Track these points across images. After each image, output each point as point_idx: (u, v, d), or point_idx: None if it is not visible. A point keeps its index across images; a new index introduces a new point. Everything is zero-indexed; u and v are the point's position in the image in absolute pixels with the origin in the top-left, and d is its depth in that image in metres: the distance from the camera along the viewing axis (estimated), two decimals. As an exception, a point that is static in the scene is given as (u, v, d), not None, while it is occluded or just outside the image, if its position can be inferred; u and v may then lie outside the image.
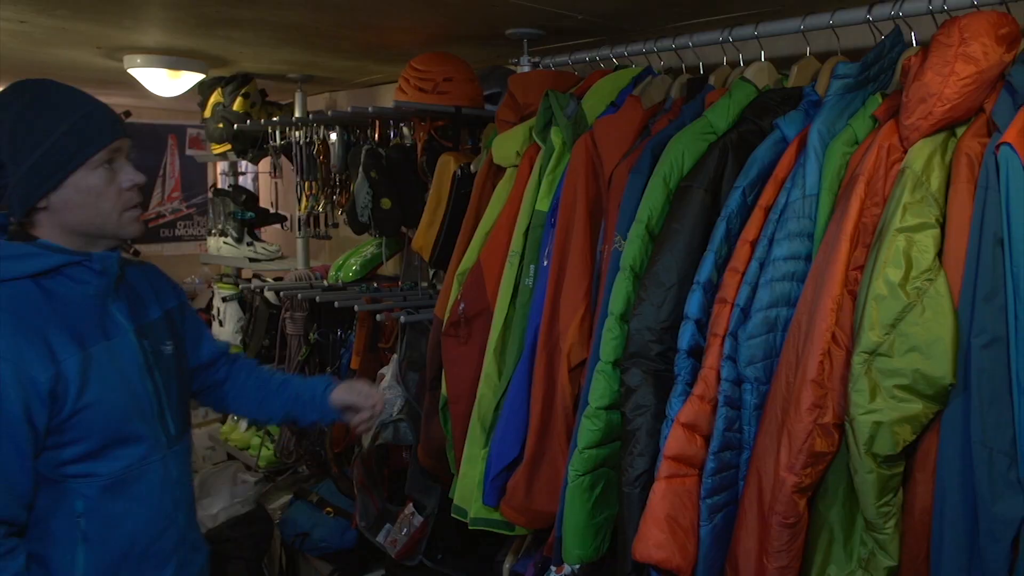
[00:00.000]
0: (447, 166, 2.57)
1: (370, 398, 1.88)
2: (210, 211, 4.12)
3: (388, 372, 2.72)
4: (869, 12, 1.70)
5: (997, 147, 1.31)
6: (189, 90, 3.28)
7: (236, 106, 3.59)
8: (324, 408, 1.88)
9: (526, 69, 2.42)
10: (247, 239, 3.84)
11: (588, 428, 1.67)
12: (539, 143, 2.07)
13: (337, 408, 1.88)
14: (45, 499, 1.41)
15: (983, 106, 1.43)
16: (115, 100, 4.17)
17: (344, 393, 1.88)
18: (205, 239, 3.90)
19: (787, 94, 1.75)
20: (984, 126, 1.41)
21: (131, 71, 3.03)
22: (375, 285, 3.20)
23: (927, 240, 1.33)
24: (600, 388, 1.67)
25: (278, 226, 3.91)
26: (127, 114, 1.53)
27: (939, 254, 1.34)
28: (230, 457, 4.06)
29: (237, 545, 3.16)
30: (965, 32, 1.39)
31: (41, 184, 1.38)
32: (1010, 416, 1.24)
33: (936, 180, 1.38)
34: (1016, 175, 1.28)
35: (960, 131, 1.43)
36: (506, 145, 2.18)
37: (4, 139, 1.37)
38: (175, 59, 2.99)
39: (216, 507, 3.54)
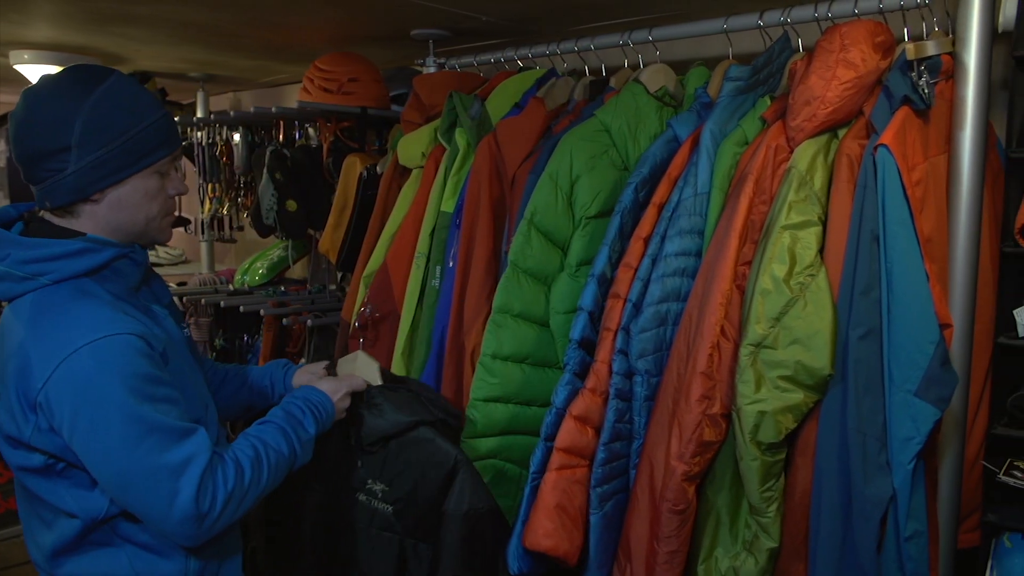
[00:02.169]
0: (353, 167, 2.55)
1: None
2: (109, 214, 3.96)
3: (295, 377, 2.67)
4: (760, 18, 1.76)
5: (875, 148, 1.38)
6: (84, 88, 3.15)
7: (135, 106, 3.47)
8: (286, 391, 1.70)
9: (432, 70, 2.42)
10: (149, 243, 3.71)
11: (468, 419, 1.71)
12: (444, 144, 2.07)
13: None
14: None
15: (863, 109, 1.50)
16: (1, 98, 3.97)
17: (305, 376, 1.72)
18: (104, 243, 3.76)
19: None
20: (864, 128, 1.48)
21: (18, 67, 2.89)
22: (282, 288, 3.15)
23: (810, 237, 1.39)
24: (477, 380, 1.70)
25: (181, 229, 3.79)
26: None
27: (821, 250, 1.40)
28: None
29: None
30: (846, 39, 1.46)
31: (106, 177, 1.31)
32: (882, 403, 1.30)
33: (819, 179, 1.44)
34: (891, 175, 1.35)
35: (842, 133, 1.50)
36: (411, 146, 2.17)
37: (77, 123, 1.27)
38: (66, 56, 2.87)
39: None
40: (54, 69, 2.88)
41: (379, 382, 1.65)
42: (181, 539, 1.27)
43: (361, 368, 1.66)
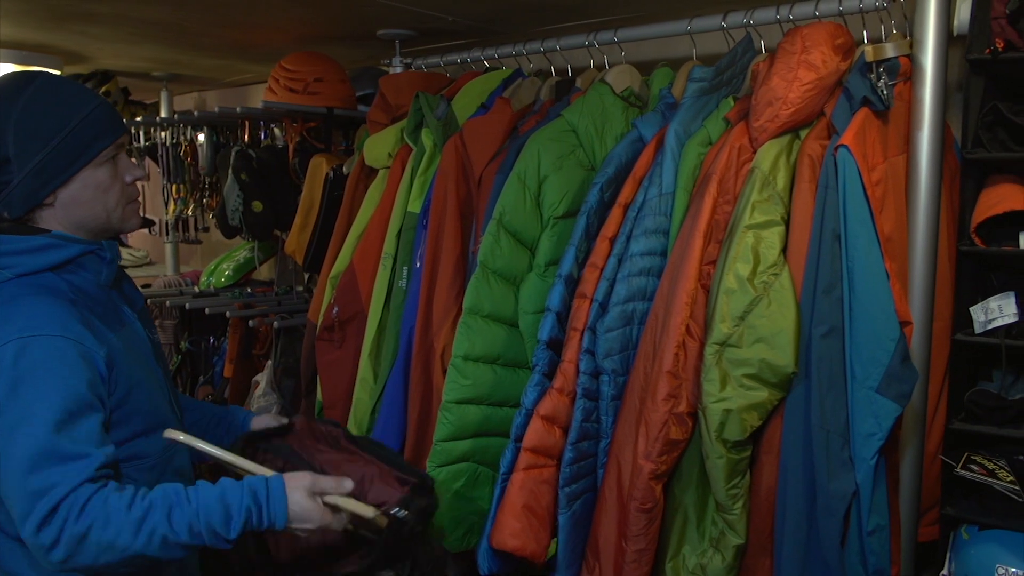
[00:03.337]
0: (319, 168, 2.53)
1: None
2: (71, 216, 3.90)
3: (263, 379, 2.65)
4: (724, 20, 1.78)
5: (836, 149, 1.40)
6: (43, 87, 3.09)
7: (97, 105, 3.42)
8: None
9: (398, 70, 2.41)
10: (112, 245, 3.66)
11: (441, 421, 1.70)
12: (410, 144, 2.07)
13: None
14: None
15: (824, 110, 1.52)
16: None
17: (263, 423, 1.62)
18: (66, 245, 3.70)
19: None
20: (825, 129, 1.50)
21: (-25, 66, 2.84)
22: (248, 290, 3.12)
23: (773, 236, 1.41)
24: (450, 382, 1.69)
25: (145, 231, 3.75)
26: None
27: (784, 250, 1.42)
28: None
29: None
30: (807, 41, 1.48)
31: (50, 181, 1.32)
32: (845, 400, 1.33)
33: (782, 180, 1.46)
34: (852, 175, 1.38)
35: (804, 133, 1.52)
36: (378, 146, 2.16)
37: (8, 134, 1.30)
38: (25, 54, 2.81)
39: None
40: (13, 67, 2.82)
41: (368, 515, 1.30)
42: (39, 560, 1.21)
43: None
